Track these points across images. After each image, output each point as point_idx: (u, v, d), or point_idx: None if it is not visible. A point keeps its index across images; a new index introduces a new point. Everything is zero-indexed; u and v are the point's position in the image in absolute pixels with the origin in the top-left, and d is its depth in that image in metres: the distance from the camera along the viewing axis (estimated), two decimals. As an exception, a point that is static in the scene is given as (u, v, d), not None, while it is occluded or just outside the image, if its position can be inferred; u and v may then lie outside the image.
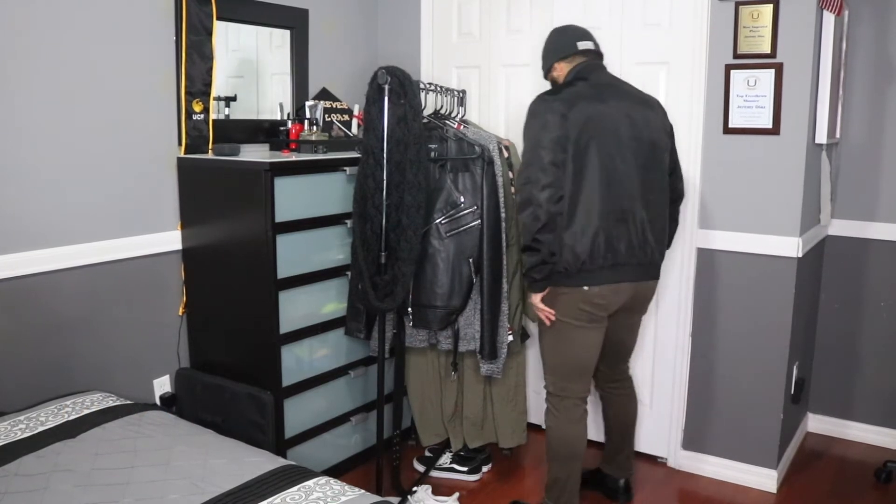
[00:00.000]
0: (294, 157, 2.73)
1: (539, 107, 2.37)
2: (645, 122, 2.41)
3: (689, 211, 2.93)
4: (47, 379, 2.40)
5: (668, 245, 2.62)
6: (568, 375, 2.51)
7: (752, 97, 2.76)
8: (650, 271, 2.49)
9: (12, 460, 1.86)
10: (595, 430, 3.36)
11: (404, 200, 2.56)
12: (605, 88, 2.42)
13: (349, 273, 2.82)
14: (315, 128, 2.95)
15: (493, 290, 2.75)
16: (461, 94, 3.06)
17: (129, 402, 2.31)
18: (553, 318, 2.45)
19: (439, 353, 3.02)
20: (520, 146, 3.12)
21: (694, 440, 3.08)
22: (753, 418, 2.93)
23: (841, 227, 3.28)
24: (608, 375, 2.74)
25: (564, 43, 2.52)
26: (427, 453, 3.14)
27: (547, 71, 2.59)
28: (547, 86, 2.62)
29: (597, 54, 2.53)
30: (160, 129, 2.68)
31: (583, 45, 2.49)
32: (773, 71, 2.70)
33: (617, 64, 2.91)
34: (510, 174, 2.90)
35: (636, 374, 3.16)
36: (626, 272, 2.41)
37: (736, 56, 2.77)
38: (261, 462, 1.92)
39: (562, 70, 2.51)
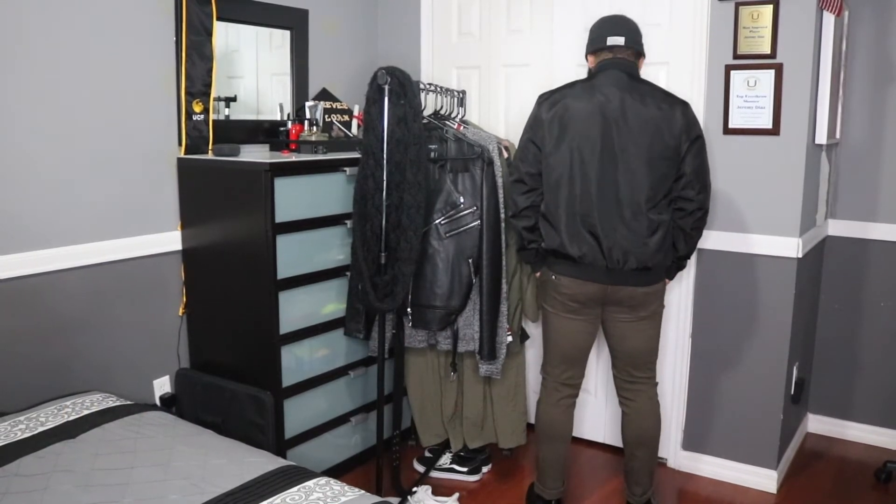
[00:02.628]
0: (294, 157, 2.73)
1: (535, 105, 2.50)
2: (636, 127, 2.33)
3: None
4: (47, 379, 2.40)
5: (683, 254, 2.49)
6: (549, 358, 2.62)
7: (752, 97, 2.75)
8: (623, 278, 2.40)
9: (12, 460, 1.86)
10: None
11: (404, 200, 2.56)
12: (603, 88, 2.36)
13: (349, 273, 2.82)
14: (315, 128, 2.95)
15: (493, 290, 2.75)
16: (461, 95, 3.05)
17: (129, 402, 2.31)
18: None
19: (439, 353, 3.02)
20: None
21: (694, 440, 3.08)
22: (753, 418, 2.93)
23: (841, 227, 3.28)
24: (619, 381, 2.63)
25: (596, 36, 2.46)
26: (427, 453, 3.14)
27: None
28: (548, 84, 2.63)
29: (626, 49, 2.40)
30: (160, 129, 2.68)
31: (612, 40, 2.40)
32: (773, 71, 2.70)
33: (617, 64, 2.91)
34: (510, 175, 2.90)
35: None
36: (589, 272, 2.41)
37: (736, 56, 2.77)
38: (261, 462, 1.92)
39: (591, 64, 2.50)
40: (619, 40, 2.40)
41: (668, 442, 3.11)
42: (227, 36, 2.94)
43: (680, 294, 3.01)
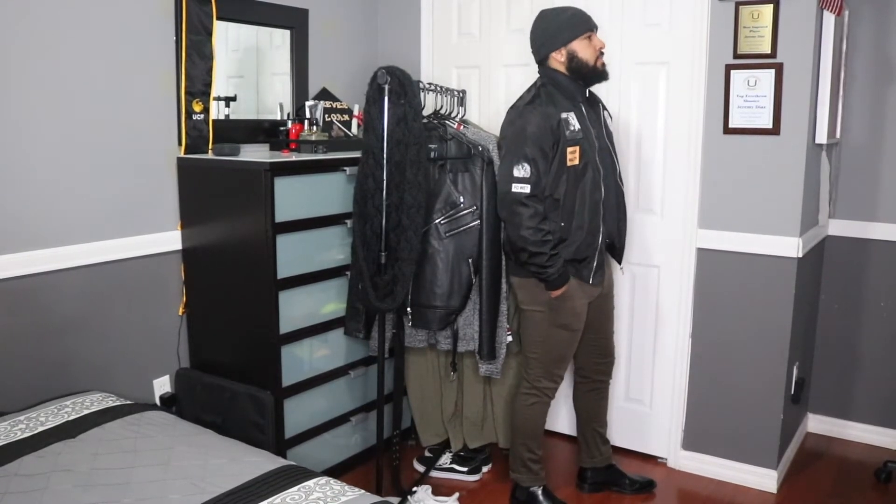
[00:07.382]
0: (294, 157, 2.73)
1: None
2: None
3: (689, 211, 2.94)
4: (47, 379, 2.40)
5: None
6: None
7: (752, 97, 2.75)
8: None
9: (12, 460, 1.86)
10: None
11: (404, 200, 2.56)
12: None
13: (349, 273, 2.82)
14: (315, 128, 2.95)
15: (493, 290, 2.75)
16: (461, 94, 3.05)
17: (129, 402, 2.31)
18: None
19: (439, 353, 3.02)
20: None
21: (694, 440, 3.08)
22: (753, 418, 2.93)
23: (841, 227, 3.28)
24: None
25: None
26: (427, 453, 3.13)
27: None
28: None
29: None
30: (160, 129, 2.68)
31: None
32: (773, 71, 2.70)
33: (617, 64, 2.91)
34: None
35: (638, 373, 3.16)
36: None
37: (736, 56, 2.77)
38: (261, 462, 1.92)
39: None
40: None
41: (669, 442, 3.12)
42: (227, 35, 2.94)
43: (680, 294, 3.02)
